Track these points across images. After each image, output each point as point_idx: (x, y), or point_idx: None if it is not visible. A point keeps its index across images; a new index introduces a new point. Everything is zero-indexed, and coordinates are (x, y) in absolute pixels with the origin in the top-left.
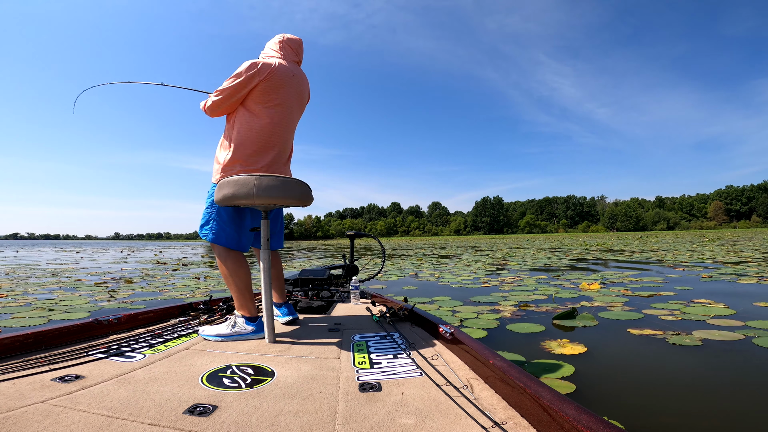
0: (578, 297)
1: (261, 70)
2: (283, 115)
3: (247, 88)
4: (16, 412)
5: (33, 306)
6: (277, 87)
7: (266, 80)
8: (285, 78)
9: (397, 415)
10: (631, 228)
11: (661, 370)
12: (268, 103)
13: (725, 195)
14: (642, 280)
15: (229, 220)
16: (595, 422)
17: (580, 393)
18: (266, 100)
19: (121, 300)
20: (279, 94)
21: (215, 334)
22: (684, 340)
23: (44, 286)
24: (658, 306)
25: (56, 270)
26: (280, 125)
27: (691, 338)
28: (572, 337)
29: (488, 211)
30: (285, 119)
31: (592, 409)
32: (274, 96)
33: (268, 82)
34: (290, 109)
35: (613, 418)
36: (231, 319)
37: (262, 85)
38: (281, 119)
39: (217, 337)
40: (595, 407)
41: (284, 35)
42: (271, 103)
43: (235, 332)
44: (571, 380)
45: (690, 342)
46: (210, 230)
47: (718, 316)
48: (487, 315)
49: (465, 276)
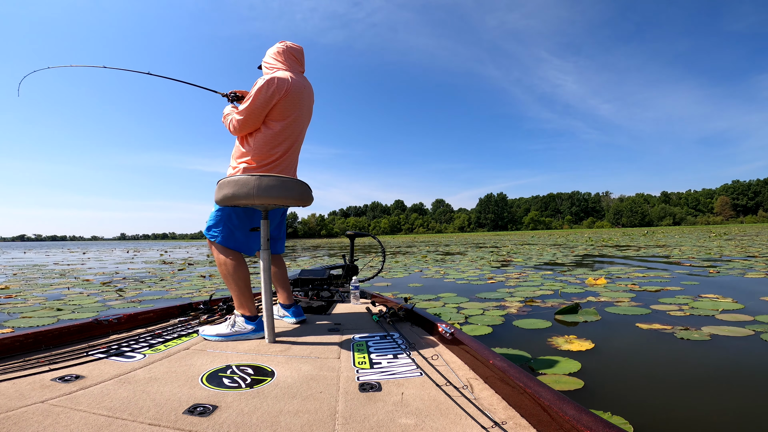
0: (584, 292)
1: (279, 87)
2: (295, 127)
3: (269, 107)
4: (16, 412)
5: (41, 306)
6: (293, 103)
7: (284, 97)
8: (300, 92)
9: (397, 415)
10: (637, 224)
11: (670, 365)
12: (286, 119)
13: (731, 190)
14: (649, 276)
15: (240, 225)
16: (595, 422)
17: (589, 389)
18: (284, 116)
19: (128, 299)
20: (295, 109)
21: (215, 334)
22: (692, 335)
23: (52, 287)
24: (665, 301)
25: (64, 270)
26: (292, 137)
27: (699, 333)
28: (579, 333)
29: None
30: (297, 130)
31: (602, 406)
32: (291, 111)
33: (286, 100)
34: (303, 121)
35: (622, 414)
36: (231, 319)
37: (281, 102)
38: (293, 131)
39: (217, 336)
40: (604, 403)
41: (285, 43)
42: (289, 118)
43: (234, 332)
44: (579, 376)
45: (699, 337)
46: (219, 233)
47: (727, 311)
48: (493, 311)
49: (470, 273)
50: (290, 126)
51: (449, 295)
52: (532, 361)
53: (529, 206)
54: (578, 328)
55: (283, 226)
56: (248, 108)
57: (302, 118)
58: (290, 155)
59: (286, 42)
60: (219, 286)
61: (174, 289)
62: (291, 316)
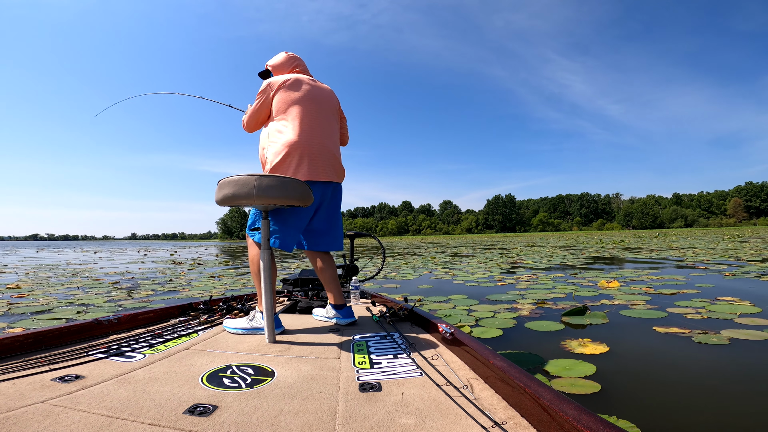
0: (598, 295)
1: (271, 85)
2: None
3: (267, 105)
4: (16, 412)
5: (52, 306)
6: (289, 96)
7: (278, 92)
8: (294, 87)
9: (397, 415)
10: (648, 226)
11: (689, 369)
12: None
13: (744, 191)
14: (663, 278)
15: (281, 221)
16: (595, 422)
17: (606, 393)
18: (283, 109)
19: (139, 299)
20: (294, 102)
21: (234, 327)
22: (711, 339)
23: (64, 286)
24: (682, 304)
25: (76, 270)
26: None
27: (718, 337)
28: (593, 335)
29: (500, 209)
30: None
31: (621, 410)
32: (290, 104)
33: (282, 94)
34: (311, 112)
35: (640, 418)
36: (251, 314)
37: (276, 97)
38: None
39: (237, 329)
40: (621, 407)
41: (285, 53)
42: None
43: (252, 326)
44: (596, 379)
45: (717, 341)
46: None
47: (745, 315)
48: (504, 314)
49: (479, 274)
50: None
51: (459, 297)
52: (545, 363)
53: (537, 207)
54: (592, 331)
55: (333, 218)
56: (250, 108)
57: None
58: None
59: (285, 52)
60: (229, 286)
61: (186, 290)
62: (342, 317)
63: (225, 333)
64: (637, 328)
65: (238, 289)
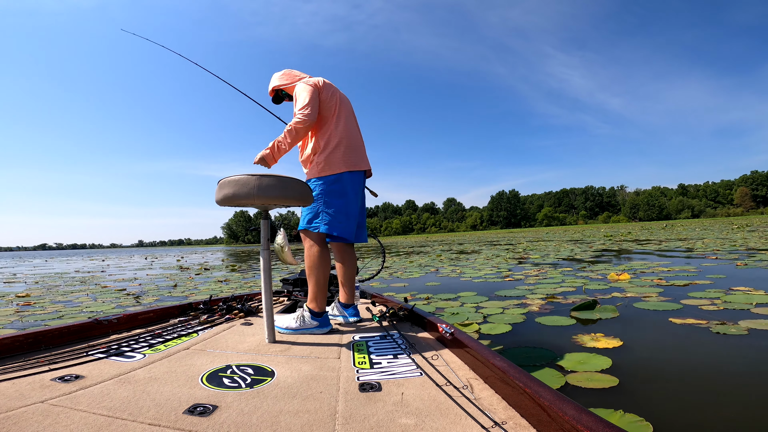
0: (609, 288)
1: (316, 85)
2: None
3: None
4: (16, 412)
5: (61, 313)
6: (328, 93)
7: (322, 91)
8: (328, 87)
9: (397, 415)
10: (654, 217)
11: (709, 362)
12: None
13: (750, 180)
14: (674, 270)
15: (339, 210)
16: (595, 422)
17: (624, 387)
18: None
19: (147, 305)
20: (333, 99)
21: (285, 327)
22: (729, 329)
23: (73, 294)
24: (695, 295)
25: (84, 278)
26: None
27: (737, 328)
28: (606, 330)
29: (504, 205)
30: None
31: (640, 405)
32: (331, 100)
33: (324, 92)
34: (346, 109)
35: (660, 412)
36: (298, 313)
37: (322, 96)
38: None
39: (287, 330)
40: (642, 402)
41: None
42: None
43: (301, 326)
44: (612, 373)
45: (736, 332)
46: (321, 222)
47: (761, 305)
48: (514, 309)
49: (487, 270)
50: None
51: (468, 294)
52: (558, 358)
53: (542, 202)
54: (604, 324)
55: (364, 210)
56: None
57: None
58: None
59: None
60: (236, 290)
61: (193, 294)
62: (349, 316)
63: (225, 333)
64: (651, 320)
65: (244, 291)
